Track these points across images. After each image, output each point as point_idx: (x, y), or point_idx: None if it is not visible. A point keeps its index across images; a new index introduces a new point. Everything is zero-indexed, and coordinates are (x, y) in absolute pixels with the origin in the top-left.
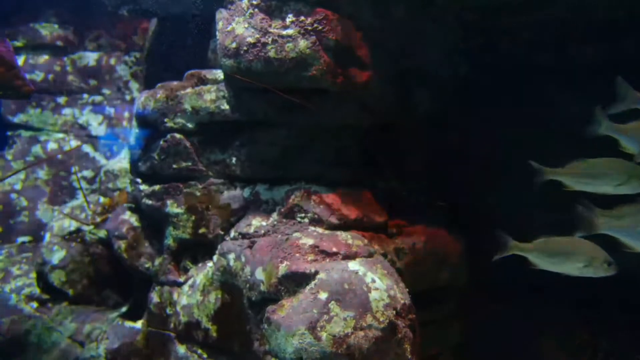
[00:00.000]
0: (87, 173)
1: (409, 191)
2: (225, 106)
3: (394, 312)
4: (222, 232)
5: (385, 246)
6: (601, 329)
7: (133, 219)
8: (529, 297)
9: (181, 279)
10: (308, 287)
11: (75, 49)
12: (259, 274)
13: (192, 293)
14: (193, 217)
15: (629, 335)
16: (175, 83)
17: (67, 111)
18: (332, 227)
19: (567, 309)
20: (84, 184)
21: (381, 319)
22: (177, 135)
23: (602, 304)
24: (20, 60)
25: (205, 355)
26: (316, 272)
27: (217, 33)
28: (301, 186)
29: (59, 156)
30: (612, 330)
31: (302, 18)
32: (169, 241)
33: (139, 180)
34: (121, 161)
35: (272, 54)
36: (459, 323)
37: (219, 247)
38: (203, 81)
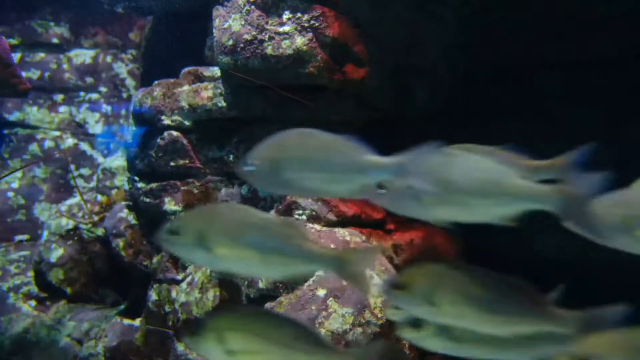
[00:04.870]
0: (85, 171)
1: None
2: (223, 103)
3: None
4: None
5: (383, 242)
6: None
7: (131, 217)
8: None
9: (179, 277)
10: (306, 284)
11: (71, 46)
12: None
13: (190, 290)
14: None
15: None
16: (172, 80)
17: (63, 109)
18: (330, 224)
19: (561, 303)
20: (81, 182)
21: (379, 315)
22: (175, 133)
23: (596, 298)
24: (17, 58)
25: None
26: None
27: (213, 30)
28: None
29: (56, 154)
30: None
31: (299, 15)
32: None
33: (136, 178)
34: (118, 159)
35: (269, 51)
36: None
37: None
38: (200, 78)
